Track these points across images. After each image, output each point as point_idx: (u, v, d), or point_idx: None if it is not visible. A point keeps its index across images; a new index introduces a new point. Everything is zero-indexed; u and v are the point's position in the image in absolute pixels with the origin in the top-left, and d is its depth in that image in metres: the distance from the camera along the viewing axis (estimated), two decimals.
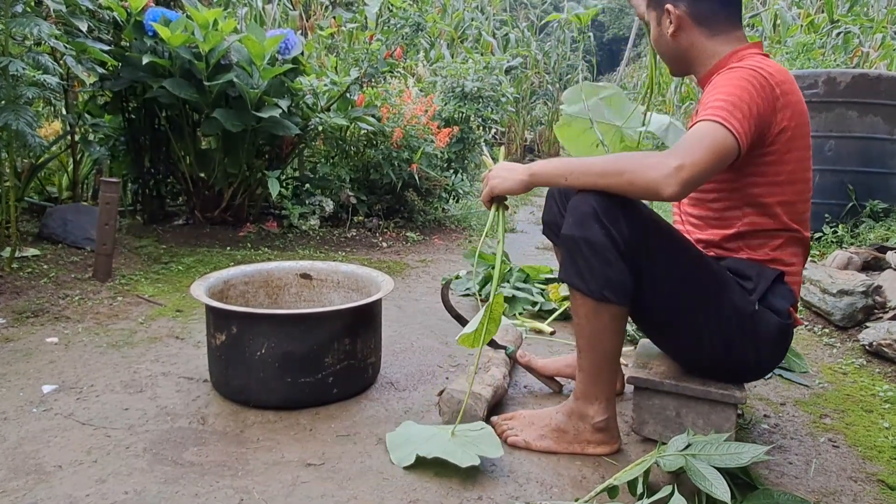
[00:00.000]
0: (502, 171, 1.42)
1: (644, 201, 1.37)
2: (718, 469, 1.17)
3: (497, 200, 1.47)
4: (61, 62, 2.70)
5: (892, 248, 2.90)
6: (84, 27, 2.68)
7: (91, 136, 3.41)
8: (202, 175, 3.64)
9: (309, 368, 1.61)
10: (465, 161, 4.93)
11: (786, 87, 1.31)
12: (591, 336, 1.38)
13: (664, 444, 1.30)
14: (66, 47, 2.52)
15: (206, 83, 3.10)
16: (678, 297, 1.37)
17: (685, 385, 1.41)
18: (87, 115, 3.39)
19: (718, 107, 1.25)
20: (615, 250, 1.30)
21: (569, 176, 1.33)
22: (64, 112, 3.31)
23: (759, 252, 1.39)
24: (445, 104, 4.89)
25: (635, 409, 1.50)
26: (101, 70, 2.81)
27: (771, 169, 1.34)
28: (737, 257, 1.41)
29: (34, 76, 2.32)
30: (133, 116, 3.48)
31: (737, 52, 1.42)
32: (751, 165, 1.34)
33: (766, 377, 1.68)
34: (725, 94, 1.27)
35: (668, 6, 1.44)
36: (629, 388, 1.83)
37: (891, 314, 2.37)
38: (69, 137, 3.33)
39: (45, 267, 2.72)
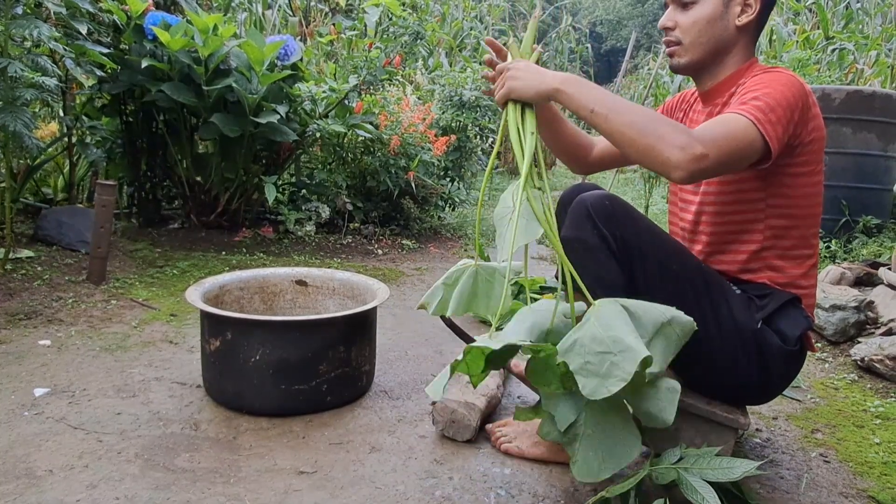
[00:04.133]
0: (525, 72, 1.24)
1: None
2: (710, 483, 1.18)
3: (516, 104, 1.25)
4: (60, 64, 2.70)
5: (884, 265, 2.92)
6: (84, 30, 2.68)
7: (88, 139, 3.41)
8: (199, 179, 3.63)
9: (303, 376, 1.61)
10: (462, 169, 4.94)
11: (813, 97, 1.30)
12: None
13: (657, 455, 1.30)
14: (65, 49, 2.52)
15: (204, 88, 3.11)
16: (673, 304, 1.36)
17: (690, 402, 1.37)
18: (84, 118, 3.39)
19: (756, 106, 1.20)
20: (607, 250, 1.31)
21: (596, 108, 1.20)
22: (61, 114, 3.30)
23: (781, 274, 1.36)
24: (443, 113, 4.90)
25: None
26: (99, 73, 2.80)
27: (800, 180, 1.32)
28: (757, 282, 1.38)
29: (33, 78, 2.32)
30: (131, 119, 3.48)
31: (751, 64, 1.40)
32: (779, 175, 1.31)
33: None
34: (764, 93, 1.22)
35: None
36: None
37: (883, 330, 2.39)
38: (66, 139, 3.33)
39: (39, 269, 2.71)
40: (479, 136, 5.17)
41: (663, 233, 1.38)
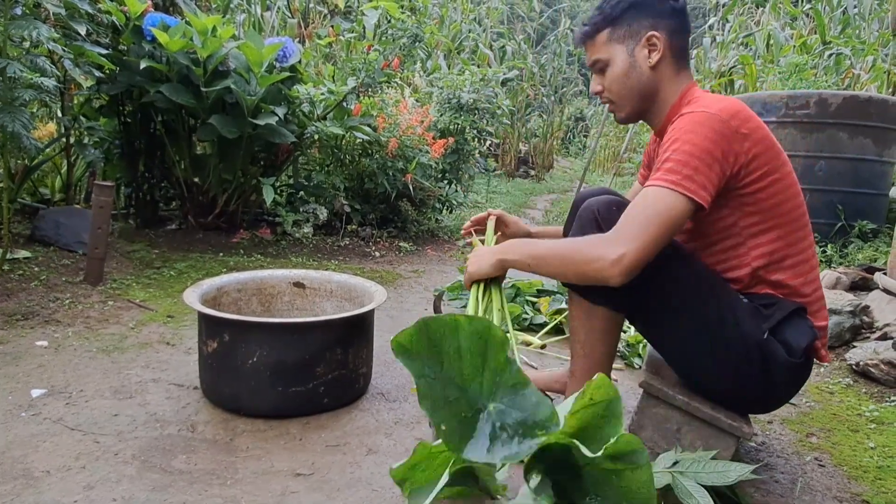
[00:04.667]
0: (479, 257, 1.43)
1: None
2: (705, 486, 1.18)
3: (479, 282, 1.43)
4: (59, 65, 2.70)
5: (880, 269, 2.94)
6: (83, 30, 2.68)
7: (86, 139, 3.40)
8: (196, 180, 3.63)
9: (300, 378, 1.61)
10: (460, 172, 4.95)
11: (741, 116, 1.27)
12: (585, 339, 1.42)
13: (652, 459, 1.31)
14: (64, 50, 2.52)
15: (203, 89, 3.11)
16: (678, 310, 1.34)
17: (696, 406, 1.37)
18: (82, 118, 3.38)
19: (668, 169, 1.23)
20: None
21: (531, 262, 1.34)
22: (59, 114, 3.30)
23: (784, 288, 1.34)
24: (441, 115, 4.91)
25: (638, 413, 1.46)
26: (98, 73, 2.80)
27: (762, 194, 1.30)
28: (761, 294, 1.36)
29: (31, 78, 2.32)
30: (129, 120, 3.48)
31: (686, 91, 1.41)
32: (737, 197, 1.31)
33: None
34: (674, 150, 1.24)
35: (653, 33, 1.38)
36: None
37: (878, 334, 2.40)
38: (64, 140, 3.33)
39: (37, 269, 2.71)
40: (476, 139, 5.18)
41: (672, 240, 1.37)
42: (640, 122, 1.54)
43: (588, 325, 1.41)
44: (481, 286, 1.42)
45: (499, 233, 1.69)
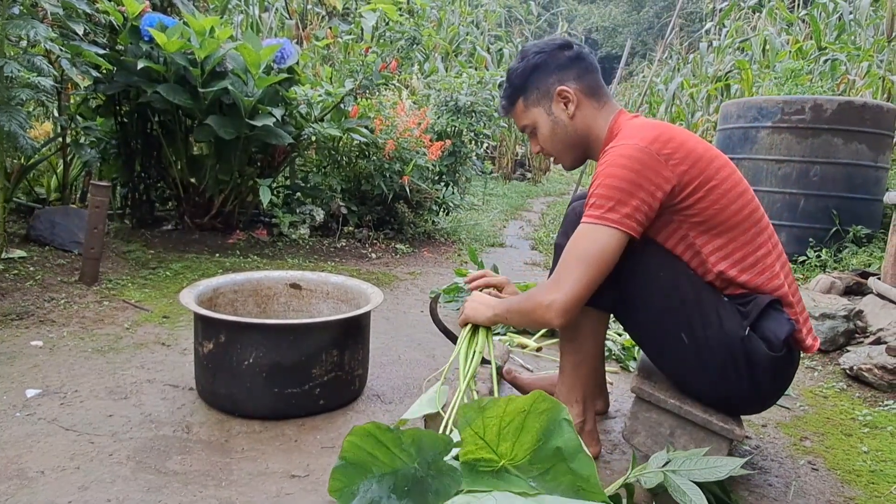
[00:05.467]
0: (479, 304, 1.53)
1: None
2: (698, 484, 1.18)
3: (474, 325, 1.54)
4: (56, 64, 2.70)
5: (874, 274, 2.95)
6: (80, 30, 2.68)
7: (82, 139, 3.40)
8: (193, 181, 3.63)
9: (296, 379, 1.61)
10: (457, 174, 4.96)
11: (661, 139, 1.32)
12: (573, 338, 1.50)
13: (643, 460, 1.31)
14: (61, 50, 2.52)
15: (200, 90, 3.11)
16: (661, 310, 1.37)
17: (687, 409, 1.39)
18: (79, 118, 3.38)
19: (592, 204, 1.31)
20: None
21: (508, 317, 1.46)
22: (56, 114, 3.30)
23: (750, 287, 1.36)
24: (438, 118, 4.92)
25: (631, 418, 1.47)
26: (95, 73, 2.80)
27: (703, 203, 1.33)
28: (736, 294, 1.38)
29: (28, 78, 2.31)
30: (125, 120, 3.48)
31: (614, 122, 1.46)
32: (680, 213, 1.34)
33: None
34: (598, 185, 1.31)
35: (562, 87, 1.46)
36: (617, 403, 1.85)
37: (871, 339, 2.41)
38: (60, 139, 3.32)
39: (32, 269, 2.70)
40: (473, 142, 5.19)
41: (654, 241, 1.39)
42: None
43: (574, 322, 1.44)
44: (471, 328, 1.55)
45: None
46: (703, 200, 1.33)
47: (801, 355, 1.47)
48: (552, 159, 1.62)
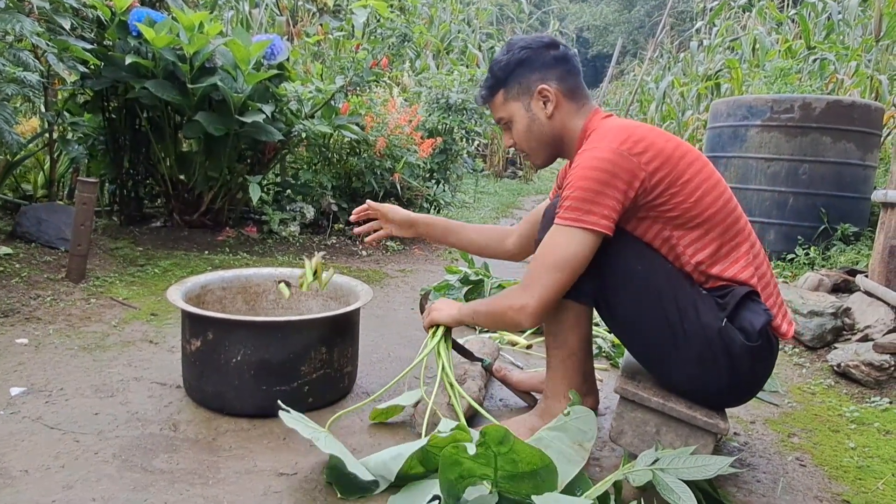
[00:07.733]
0: (442, 305, 1.63)
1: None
2: (687, 482, 1.18)
3: (437, 328, 1.63)
4: (42, 59, 2.67)
5: (861, 272, 2.97)
6: (67, 25, 2.65)
7: (70, 135, 3.37)
8: (182, 178, 3.61)
9: (285, 377, 1.60)
10: (448, 172, 4.96)
11: (632, 138, 1.34)
12: (557, 333, 1.50)
13: (632, 458, 1.32)
14: (48, 44, 2.50)
15: (189, 86, 3.09)
16: (638, 303, 1.38)
17: (671, 406, 1.39)
18: (66, 114, 3.35)
19: (566, 206, 1.33)
20: None
21: (475, 318, 1.53)
22: (43, 110, 3.27)
23: (728, 280, 1.37)
24: (429, 115, 4.91)
25: (616, 418, 1.47)
26: (82, 69, 2.78)
27: (677, 199, 1.35)
28: (712, 287, 1.40)
29: (14, 73, 2.29)
30: (113, 116, 3.45)
31: (588, 121, 1.48)
32: (653, 209, 1.36)
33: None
34: (572, 188, 1.33)
35: (543, 86, 1.47)
36: (607, 400, 1.85)
37: (859, 336, 2.43)
38: (47, 135, 3.29)
39: (17, 266, 2.68)
40: (464, 139, 5.18)
41: (631, 235, 1.40)
42: None
43: (556, 317, 1.47)
44: (438, 329, 1.64)
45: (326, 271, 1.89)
46: (676, 196, 1.35)
47: (791, 352, 1.48)
48: (523, 155, 1.63)
